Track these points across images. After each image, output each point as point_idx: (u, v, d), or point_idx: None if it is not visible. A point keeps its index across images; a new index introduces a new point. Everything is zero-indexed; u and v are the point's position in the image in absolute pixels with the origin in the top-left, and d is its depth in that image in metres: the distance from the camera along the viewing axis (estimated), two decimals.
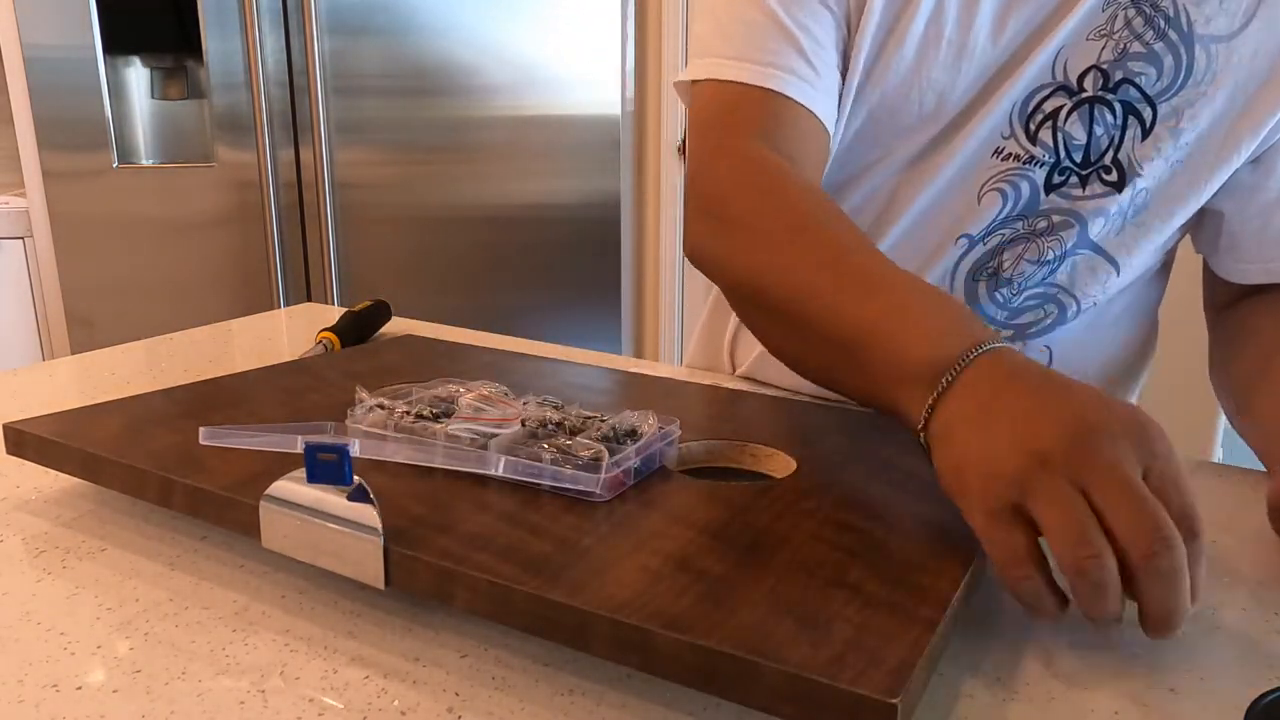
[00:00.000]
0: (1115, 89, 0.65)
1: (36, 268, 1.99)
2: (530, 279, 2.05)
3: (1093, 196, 0.68)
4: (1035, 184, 0.68)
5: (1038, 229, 0.70)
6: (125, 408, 0.62)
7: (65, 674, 0.41)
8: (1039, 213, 0.69)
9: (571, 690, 0.41)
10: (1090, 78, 0.66)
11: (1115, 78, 0.65)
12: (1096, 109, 0.66)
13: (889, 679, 0.34)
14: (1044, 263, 0.72)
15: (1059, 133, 0.67)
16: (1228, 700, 0.41)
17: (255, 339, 0.99)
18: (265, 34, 1.83)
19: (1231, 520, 0.59)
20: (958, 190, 0.70)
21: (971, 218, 0.71)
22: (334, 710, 0.39)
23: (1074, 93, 0.66)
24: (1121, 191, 0.68)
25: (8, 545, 0.53)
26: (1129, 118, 0.66)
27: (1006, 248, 0.72)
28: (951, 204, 0.71)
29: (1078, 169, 0.67)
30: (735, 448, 0.60)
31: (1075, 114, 0.66)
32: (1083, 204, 0.68)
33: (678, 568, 0.42)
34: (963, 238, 0.72)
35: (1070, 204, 0.69)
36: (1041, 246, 0.70)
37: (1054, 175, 0.68)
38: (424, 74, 1.90)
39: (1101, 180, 0.67)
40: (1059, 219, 0.69)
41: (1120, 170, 0.67)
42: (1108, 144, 0.67)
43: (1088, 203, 0.68)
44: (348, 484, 0.45)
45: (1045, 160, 0.68)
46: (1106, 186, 0.67)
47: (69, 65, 1.86)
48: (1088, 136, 0.67)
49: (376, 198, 1.93)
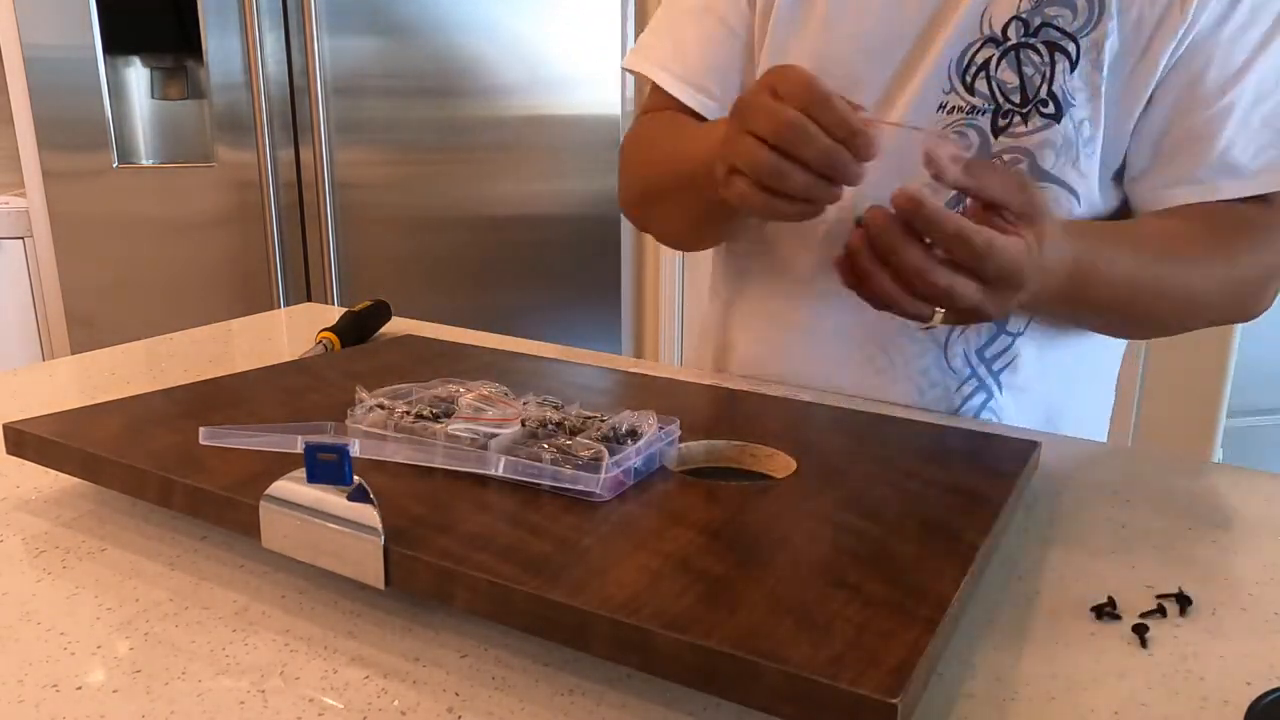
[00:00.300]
0: (1036, 33, 0.72)
1: (36, 268, 1.99)
2: (530, 279, 2.05)
3: (1035, 130, 0.73)
4: (983, 129, 0.75)
5: None
6: (125, 408, 0.62)
7: (65, 674, 0.41)
8: (992, 155, 0.75)
9: (571, 690, 0.41)
10: (1013, 27, 0.73)
11: (1035, 24, 0.72)
12: (1023, 53, 0.73)
13: (889, 679, 0.34)
14: None
15: (992, 80, 0.74)
16: (1228, 700, 0.41)
17: (255, 339, 0.99)
18: (265, 34, 1.83)
19: (1231, 520, 0.59)
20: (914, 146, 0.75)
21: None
22: (334, 710, 0.39)
23: (1000, 43, 0.73)
24: (1060, 121, 0.73)
25: (8, 545, 0.53)
26: (1055, 54, 0.72)
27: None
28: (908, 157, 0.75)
29: (1018, 109, 0.73)
30: (735, 448, 0.60)
31: (1004, 61, 0.73)
32: (1028, 139, 0.74)
33: (678, 568, 0.42)
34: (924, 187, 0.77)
35: (1017, 141, 0.74)
36: None
37: (998, 119, 0.74)
38: (424, 74, 1.90)
39: (1040, 114, 0.73)
40: (1010, 157, 0.74)
41: (1055, 102, 0.72)
42: (1040, 80, 0.72)
43: (1033, 136, 0.73)
44: (348, 484, 0.45)
45: (986, 108, 0.74)
46: (1046, 119, 0.73)
47: (69, 65, 1.86)
48: (1020, 79, 0.73)
49: (376, 198, 1.93)
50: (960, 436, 0.63)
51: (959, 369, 0.79)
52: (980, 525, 0.48)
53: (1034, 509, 0.60)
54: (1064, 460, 0.68)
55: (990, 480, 0.55)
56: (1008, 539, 0.55)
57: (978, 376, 0.79)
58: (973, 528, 0.48)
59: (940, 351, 0.78)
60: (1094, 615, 0.47)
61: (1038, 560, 0.53)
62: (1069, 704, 0.40)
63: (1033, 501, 0.61)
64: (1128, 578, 0.51)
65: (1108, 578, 0.51)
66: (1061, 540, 0.55)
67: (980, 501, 0.52)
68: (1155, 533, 0.56)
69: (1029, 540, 0.55)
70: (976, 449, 0.61)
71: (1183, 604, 0.48)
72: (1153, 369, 1.97)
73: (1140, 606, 0.48)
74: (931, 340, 0.78)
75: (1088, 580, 0.51)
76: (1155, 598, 0.49)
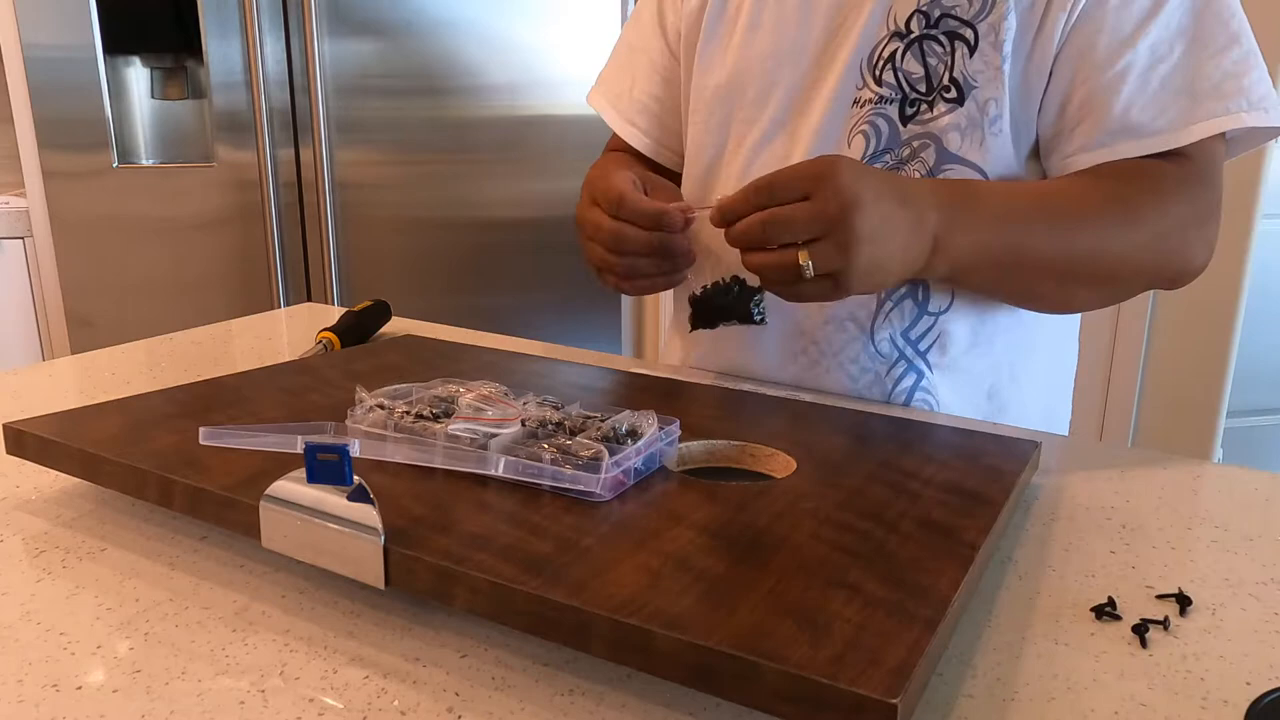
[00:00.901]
0: (937, 24, 0.76)
1: (36, 268, 1.99)
2: (530, 279, 2.05)
3: (940, 115, 0.76)
4: (891, 119, 0.78)
5: (903, 156, 0.78)
6: (125, 408, 0.62)
7: (65, 674, 0.41)
8: (902, 142, 0.78)
9: (571, 690, 0.41)
10: (915, 20, 0.77)
11: (935, 15, 0.76)
12: (925, 44, 0.76)
13: (889, 679, 0.34)
14: None
15: (899, 72, 0.77)
16: (1228, 700, 0.41)
17: (255, 339, 0.99)
18: (265, 34, 1.83)
19: (1231, 520, 0.59)
20: (831, 141, 0.81)
21: None
22: (334, 710, 0.39)
23: (904, 36, 0.77)
24: (963, 104, 0.76)
25: (8, 545, 0.53)
26: (955, 43, 0.75)
27: None
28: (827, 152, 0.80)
29: (924, 97, 0.77)
30: (735, 448, 0.60)
31: (909, 53, 0.77)
32: (934, 124, 0.77)
33: (678, 568, 0.42)
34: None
35: (924, 127, 0.77)
36: (910, 170, 0.79)
37: (906, 108, 0.78)
38: (424, 74, 1.90)
39: (944, 99, 0.76)
40: (918, 143, 0.78)
41: (957, 86, 0.76)
42: (943, 68, 0.76)
43: (938, 121, 0.76)
44: (348, 484, 0.45)
45: (893, 98, 0.78)
46: (949, 103, 0.76)
47: (69, 65, 1.86)
48: (924, 69, 0.77)
49: (376, 198, 1.93)
50: (960, 436, 0.63)
51: (887, 353, 0.80)
52: (980, 525, 0.48)
53: (1034, 509, 0.60)
54: (1064, 460, 0.68)
55: (990, 480, 0.55)
56: (1008, 539, 0.55)
57: (905, 358, 0.80)
58: (973, 528, 0.48)
59: (867, 337, 0.81)
60: (1094, 615, 0.47)
61: (1038, 560, 0.53)
62: (1069, 704, 0.40)
63: (1032, 501, 0.61)
64: (1128, 578, 0.51)
65: (1108, 578, 0.51)
66: (1061, 540, 0.55)
67: (980, 501, 0.52)
68: (1155, 533, 0.56)
69: (1029, 540, 0.55)
70: (976, 449, 0.61)
71: (1183, 604, 0.48)
72: (1153, 369, 1.97)
73: (1140, 606, 0.48)
74: (858, 328, 0.81)
75: (1088, 580, 0.51)
76: (1155, 598, 0.49)
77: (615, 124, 0.94)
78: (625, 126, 0.94)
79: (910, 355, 0.80)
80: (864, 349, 0.81)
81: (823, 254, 0.61)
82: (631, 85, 0.93)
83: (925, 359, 0.80)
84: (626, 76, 0.94)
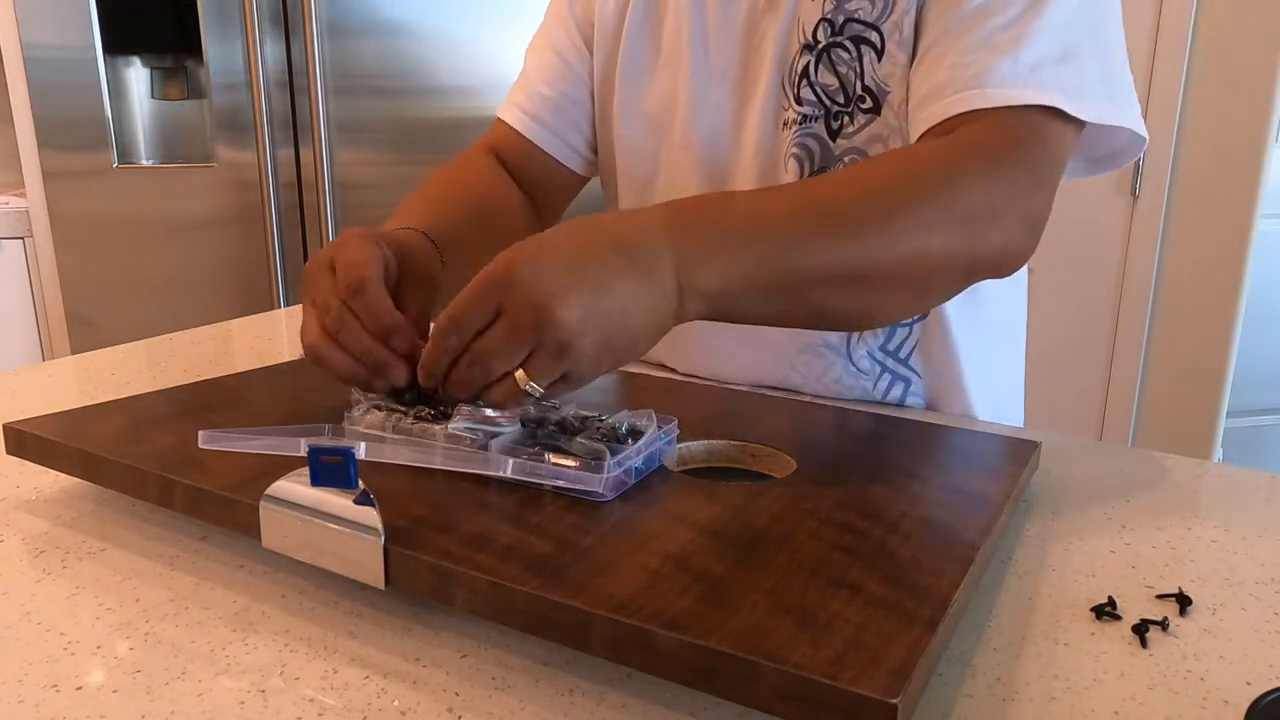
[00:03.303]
0: (842, 30, 0.73)
1: (36, 268, 1.99)
2: None
3: (861, 128, 0.73)
4: (820, 137, 0.75)
5: None
6: (125, 408, 0.62)
7: (65, 674, 0.41)
8: (835, 159, 0.75)
9: (571, 690, 0.41)
10: (821, 29, 0.73)
11: (839, 21, 0.73)
12: (834, 53, 0.73)
13: (889, 679, 0.34)
14: None
15: (815, 86, 0.74)
16: (1228, 700, 0.41)
17: (255, 339, 0.99)
18: (265, 34, 1.83)
19: (1231, 520, 0.59)
20: (768, 168, 0.78)
21: None
22: (334, 710, 0.39)
23: (813, 47, 0.74)
24: (880, 113, 0.72)
25: (8, 545, 0.53)
26: (861, 48, 0.72)
27: None
28: (765, 180, 0.78)
29: (844, 109, 0.74)
30: (735, 448, 0.60)
31: (821, 64, 0.74)
32: (857, 137, 0.74)
33: (678, 568, 0.42)
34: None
35: (850, 142, 0.74)
36: None
37: (831, 122, 0.74)
38: (424, 74, 1.90)
39: (861, 110, 0.73)
40: (849, 159, 0.75)
41: (871, 95, 0.72)
42: (854, 77, 0.73)
43: (860, 134, 0.74)
44: (353, 488, 0.45)
45: (817, 114, 0.75)
46: (867, 114, 0.73)
47: (69, 65, 1.86)
48: (837, 79, 0.73)
49: (376, 198, 1.93)
50: (960, 436, 0.63)
51: (868, 369, 0.80)
52: (980, 525, 0.48)
53: (1034, 509, 0.60)
54: (1064, 460, 0.68)
55: (990, 480, 0.55)
56: (1008, 539, 0.55)
57: (889, 370, 0.80)
58: (973, 528, 0.48)
59: (845, 359, 0.80)
60: (1094, 615, 0.47)
61: (1038, 560, 0.53)
62: (1069, 704, 0.40)
63: (1032, 501, 0.61)
64: (1128, 578, 0.51)
65: (1108, 578, 0.51)
66: (1061, 540, 0.55)
67: (980, 501, 0.52)
68: (1155, 533, 0.56)
69: (1029, 540, 0.55)
70: (976, 449, 0.61)
71: (1183, 604, 0.48)
72: (1153, 369, 1.97)
73: (1140, 606, 0.48)
74: (833, 353, 0.80)
75: (1088, 580, 0.51)
76: (1155, 598, 0.49)
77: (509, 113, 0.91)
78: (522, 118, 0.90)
79: (893, 366, 0.80)
80: (845, 370, 0.80)
81: (540, 367, 0.52)
82: (539, 78, 0.90)
83: (908, 365, 0.80)
84: (531, 71, 0.91)
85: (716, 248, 0.56)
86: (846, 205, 0.59)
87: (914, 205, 0.58)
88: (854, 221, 0.58)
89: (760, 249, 0.56)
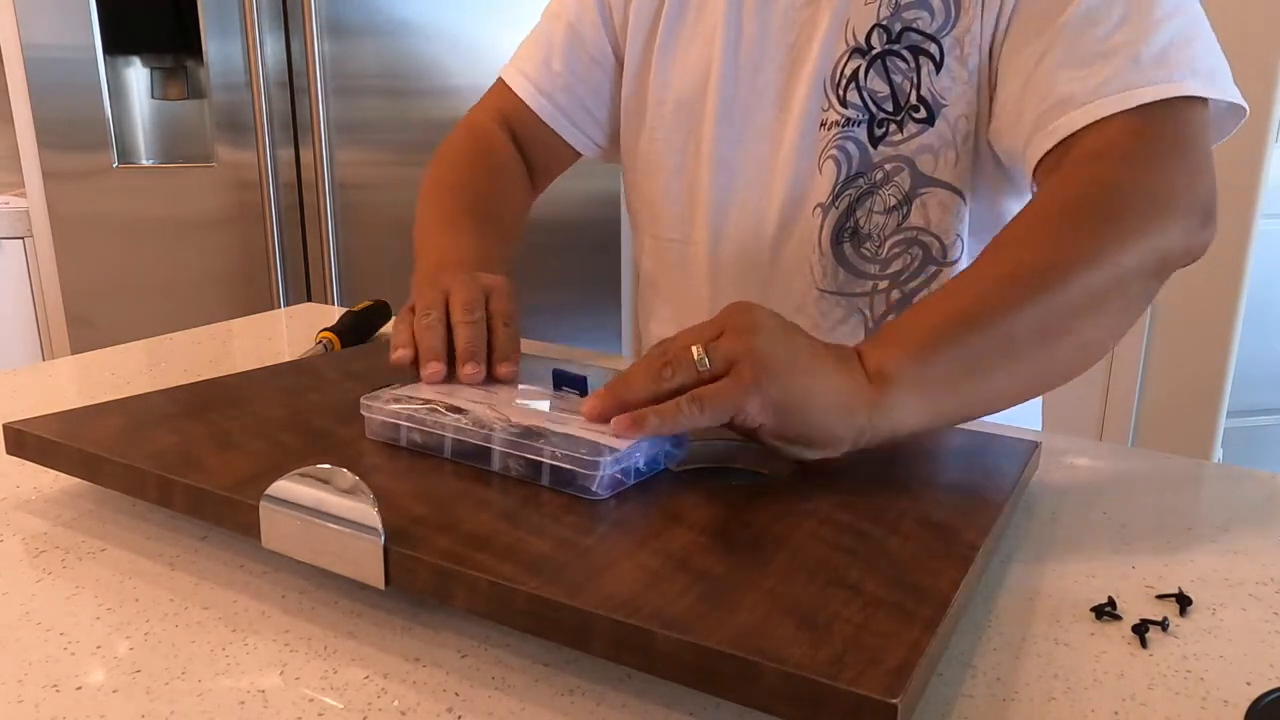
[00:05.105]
0: (899, 38, 0.73)
1: (36, 268, 1.99)
2: (530, 279, 2.04)
3: (911, 137, 0.74)
4: (861, 141, 0.75)
5: (876, 181, 0.76)
6: (125, 408, 0.62)
7: (65, 674, 0.41)
8: (874, 166, 0.76)
9: (571, 690, 0.41)
10: (876, 35, 0.73)
11: (896, 29, 0.73)
12: (889, 60, 0.73)
13: (889, 679, 0.34)
14: (891, 210, 0.78)
15: (863, 91, 0.74)
16: (1228, 700, 0.41)
17: (255, 339, 0.99)
18: (265, 34, 1.83)
19: (1231, 520, 0.59)
20: (803, 167, 0.79)
21: (819, 188, 0.79)
22: (334, 710, 0.39)
23: (866, 52, 0.74)
24: (934, 124, 0.73)
25: (8, 545, 0.53)
26: (919, 58, 0.72)
27: (857, 206, 0.78)
28: (799, 179, 0.79)
29: (892, 117, 0.74)
30: (735, 448, 0.60)
31: (872, 70, 0.74)
32: (905, 146, 0.74)
33: (678, 568, 0.42)
34: (817, 208, 0.80)
35: (895, 150, 0.75)
36: (884, 196, 0.77)
37: (874, 129, 0.75)
38: (424, 74, 1.90)
39: (913, 120, 0.73)
40: (891, 166, 0.75)
41: (926, 106, 0.73)
42: (910, 86, 0.73)
43: (910, 143, 0.74)
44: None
45: (860, 119, 0.75)
46: (919, 124, 0.73)
47: (69, 65, 1.86)
48: (890, 86, 0.74)
49: (376, 198, 1.93)
50: (960, 436, 0.63)
51: None
52: (980, 525, 0.48)
53: (1034, 509, 0.60)
54: (1064, 460, 0.68)
55: (990, 480, 0.55)
56: (1008, 539, 0.55)
57: None
58: (973, 528, 0.48)
59: None
60: (1094, 615, 0.47)
61: (1038, 560, 0.53)
62: (1069, 704, 0.40)
63: (1033, 501, 0.61)
64: (1128, 578, 0.51)
65: (1108, 578, 0.51)
66: (1062, 540, 0.55)
67: (980, 501, 0.52)
68: (1155, 533, 0.56)
69: (1029, 540, 0.55)
70: (976, 449, 0.61)
71: (1183, 604, 0.48)
72: (1153, 369, 1.97)
73: (1140, 606, 0.48)
74: None
75: (1088, 580, 0.51)
76: (1155, 598, 0.49)
77: (518, 84, 0.90)
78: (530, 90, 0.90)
79: None
80: None
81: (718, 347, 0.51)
82: (546, 52, 0.90)
83: None
84: (539, 45, 0.91)
85: (907, 335, 0.54)
86: (1039, 260, 0.57)
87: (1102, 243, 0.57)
88: (1050, 282, 0.56)
89: (953, 323, 0.55)
